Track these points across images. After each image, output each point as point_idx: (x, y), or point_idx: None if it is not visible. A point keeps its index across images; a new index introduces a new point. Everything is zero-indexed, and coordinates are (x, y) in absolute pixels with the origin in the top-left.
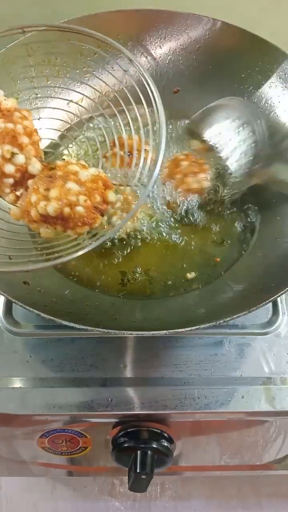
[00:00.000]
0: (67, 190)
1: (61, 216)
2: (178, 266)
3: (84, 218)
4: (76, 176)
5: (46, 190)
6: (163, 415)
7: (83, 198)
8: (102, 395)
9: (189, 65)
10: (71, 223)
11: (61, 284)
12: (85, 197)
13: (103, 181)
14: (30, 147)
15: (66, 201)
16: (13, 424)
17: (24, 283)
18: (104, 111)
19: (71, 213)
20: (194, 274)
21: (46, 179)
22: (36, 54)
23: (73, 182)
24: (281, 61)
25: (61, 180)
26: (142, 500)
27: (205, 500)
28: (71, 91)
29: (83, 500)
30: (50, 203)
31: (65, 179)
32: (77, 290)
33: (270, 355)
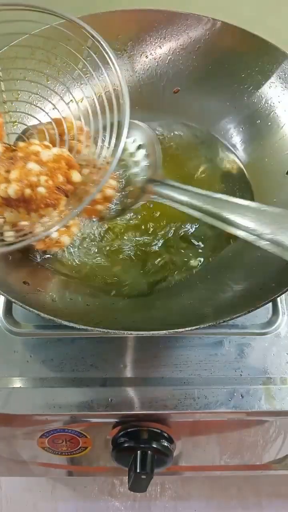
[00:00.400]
0: (28, 171)
1: (22, 198)
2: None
3: (47, 199)
4: (38, 157)
5: (6, 172)
6: (163, 415)
7: (44, 178)
8: (102, 395)
9: (189, 65)
10: (34, 205)
11: (61, 284)
12: (46, 177)
13: (66, 160)
14: None
15: (27, 182)
16: (13, 424)
17: (24, 283)
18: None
19: (32, 194)
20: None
21: (7, 161)
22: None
23: (34, 162)
24: (281, 61)
25: (22, 161)
26: (142, 500)
27: (205, 500)
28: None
29: (83, 500)
30: (10, 185)
31: (26, 160)
32: (77, 290)
33: (270, 355)
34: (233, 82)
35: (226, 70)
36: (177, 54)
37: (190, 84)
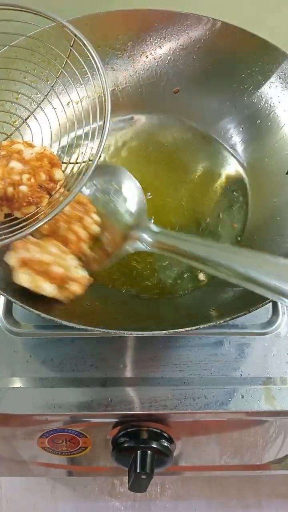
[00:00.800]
0: (10, 169)
1: (5, 197)
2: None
3: (29, 197)
4: (20, 155)
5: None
6: (163, 415)
7: (26, 177)
8: (102, 395)
9: (189, 65)
10: (16, 203)
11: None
12: (28, 175)
13: (49, 158)
14: None
15: (10, 180)
16: (13, 424)
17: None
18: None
19: (14, 192)
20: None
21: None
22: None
23: (17, 161)
24: (281, 61)
25: (5, 160)
26: (142, 500)
27: (205, 500)
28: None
29: (83, 500)
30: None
31: (8, 159)
32: None
33: (270, 355)
34: (233, 82)
35: (226, 70)
36: (177, 54)
37: (190, 84)
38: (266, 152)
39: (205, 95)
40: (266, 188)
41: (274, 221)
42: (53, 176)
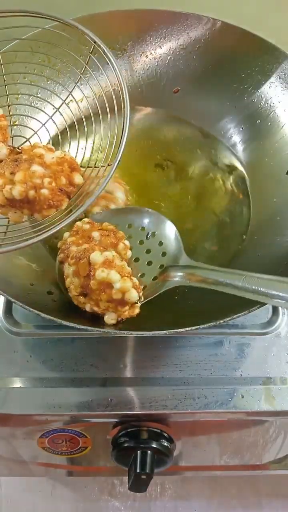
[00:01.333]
0: (32, 173)
1: (26, 200)
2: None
3: (50, 200)
4: (42, 159)
5: (11, 174)
6: (163, 415)
7: (48, 180)
8: (102, 395)
9: (189, 65)
10: (37, 206)
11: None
12: (49, 179)
13: (69, 163)
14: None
15: (31, 184)
16: (13, 424)
17: (31, 285)
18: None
19: (36, 195)
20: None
21: (12, 163)
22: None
23: (38, 165)
24: (281, 61)
25: (26, 164)
26: (142, 500)
27: (205, 500)
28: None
29: (83, 500)
30: (15, 187)
31: (30, 163)
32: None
33: (270, 355)
34: (233, 82)
35: (226, 70)
36: (177, 54)
37: (190, 84)
38: (266, 152)
39: (205, 95)
40: (266, 188)
41: (274, 221)
42: (73, 180)
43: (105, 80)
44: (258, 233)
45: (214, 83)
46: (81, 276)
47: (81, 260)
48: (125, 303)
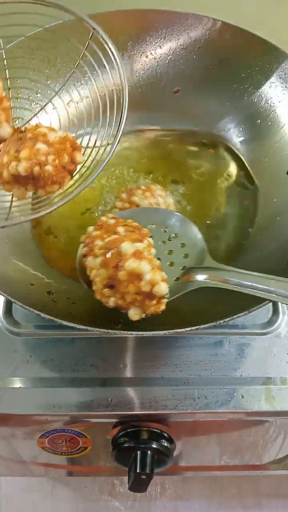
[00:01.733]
0: (37, 151)
1: (31, 176)
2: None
3: (54, 177)
4: (45, 138)
5: (16, 151)
6: (163, 415)
7: (52, 158)
8: (102, 395)
9: (189, 65)
10: (42, 182)
11: (61, 284)
12: (53, 156)
13: (71, 142)
14: (0, 112)
15: (36, 160)
16: (13, 424)
17: (31, 285)
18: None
19: (40, 172)
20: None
21: (17, 141)
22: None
23: (42, 143)
24: (281, 61)
25: (31, 142)
26: (142, 500)
27: (205, 500)
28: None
29: (83, 500)
30: (20, 163)
31: (34, 141)
32: (77, 290)
33: (270, 355)
34: (233, 82)
35: (226, 70)
36: (177, 54)
37: (190, 84)
38: (266, 152)
39: (205, 95)
40: (266, 188)
41: (275, 221)
42: (74, 158)
43: (103, 77)
44: (258, 233)
45: (214, 83)
46: (109, 267)
47: (110, 250)
48: (153, 297)
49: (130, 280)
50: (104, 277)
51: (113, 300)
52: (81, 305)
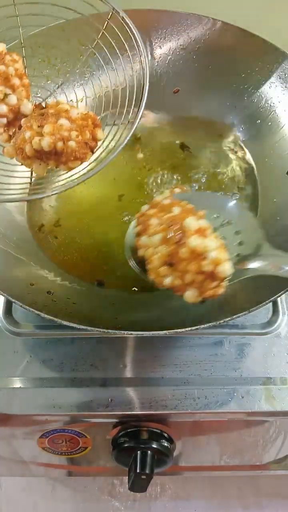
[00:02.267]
0: (60, 126)
1: (54, 151)
2: None
3: (76, 152)
4: (67, 114)
5: (39, 127)
6: (163, 415)
7: (75, 134)
8: (102, 395)
9: (189, 65)
10: (64, 157)
11: (61, 284)
12: (76, 132)
13: (92, 119)
14: (21, 88)
15: (59, 136)
16: (13, 424)
17: (31, 284)
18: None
19: (64, 147)
20: None
21: (39, 117)
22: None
23: (65, 119)
24: (281, 61)
25: (54, 118)
26: (142, 500)
27: (205, 500)
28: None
29: (83, 500)
30: (44, 138)
31: (57, 117)
32: (77, 290)
33: (270, 355)
34: (233, 82)
35: (226, 70)
36: (177, 54)
37: (190, 84)
38: (266, 152)
39: (205, 95)
40: (266, 188)
41: (275, 221)
42: (96, 135)
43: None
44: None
45: (214, 83)
46: (170, 244)
47: (173, 226)
48: (214, 278)
49: (192, 258)
50: (164, 255)
51: (169, 279)
52: (81, 305)
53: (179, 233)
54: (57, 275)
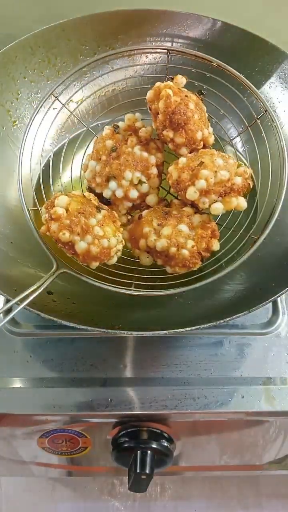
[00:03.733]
0: (178, 232)
1: (165, 253)
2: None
3: (186, 261)
4: (190, 220)
5: (159, 225)
6: (163, 415)
7: (191, 244)
8: (102, 395)
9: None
10: (173, 261)
11: (61, 284)
12: (193, 242)
13: (212, 229)
14: (156, 179)
15: (175, 241)
16: (13, 424)
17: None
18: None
19: (176, 253)
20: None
21: (161, 214)
22: (36, 54)
23: (186, 225)
24: (281, 61)
25: (175, 220)
26: (142, 500)
27: (205, 500)
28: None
29: (83, 500)
30: (160, 240)
31: (179, 221)
32: (77, 290)
33: (270, 355)
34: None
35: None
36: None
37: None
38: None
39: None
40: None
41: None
42: (211, 247)
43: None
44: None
45: (214, 83)
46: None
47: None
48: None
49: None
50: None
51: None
52: (81, 305)
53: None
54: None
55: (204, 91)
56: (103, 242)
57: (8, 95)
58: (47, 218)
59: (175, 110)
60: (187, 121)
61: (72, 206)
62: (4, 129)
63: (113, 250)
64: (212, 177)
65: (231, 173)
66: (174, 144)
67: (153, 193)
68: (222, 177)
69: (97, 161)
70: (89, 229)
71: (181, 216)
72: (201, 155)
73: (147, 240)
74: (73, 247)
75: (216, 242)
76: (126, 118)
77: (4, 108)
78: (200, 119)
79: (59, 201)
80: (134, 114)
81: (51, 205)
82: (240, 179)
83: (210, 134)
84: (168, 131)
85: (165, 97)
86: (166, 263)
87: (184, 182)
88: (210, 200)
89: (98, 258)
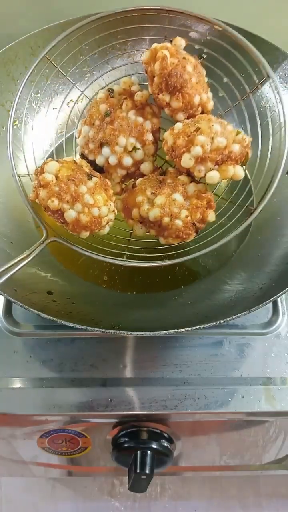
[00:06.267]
0: (172, 201)
1: (159, 223)
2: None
3: (180, 232)
4: (185, 189)
5: (152, 194)
6: (163, 415)
7: (185, 213)
8: (102, 395)
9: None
10: (166, 232)
11: (61, 284)
12: (187, 212)
13: (208, 200)
14: (151, 146)
15: (169, 211)
16: (13, 424)
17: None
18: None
19: (169, 223)
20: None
21: (156, 182)
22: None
23: (180, 194)
24: (281, 61)
25: (169, 189)
26: (142, 500)
27: (205, 500)
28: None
29: (83, 500)
30: (153, 209)
31: (173, 189)
32: (77, 290)
33: (270, 355)
34: (233, 82)
35: (226, 70)
36: None
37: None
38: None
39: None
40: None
41: (275, 221)
42: (206, 217)
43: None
44: (259, 233)
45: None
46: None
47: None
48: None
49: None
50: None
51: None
52: (81, 305)
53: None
54: (57, 275)
55: (204, 55)
56: (94, 211)
57: (8, 95)
58: (36, 185)
59: (171, 72)
60: (183, 84)
61: (62, 173)
62: (4, 129)
63: (104, 220)
64: (208, 143)
65: (229, 140)
66: (171, 109)
67: (148, 161)
68: (219, 144)
69: (90, 126)
70: (79, 197)
71: (175, 185)
72: (198, 120)
73: (140, 209)
74: (62, 216)
75: (212, 213)
76: (122, 81)
77: (4, 108)
78: (198, 82)
79: (49, 167)
80: (131, 78)
81: (41, 171)
82: (238, 146)
83: (209, 99)
84: (164, 95)
85: (161, 58)
86: (159, 233)
87: (179, 149)
88: (206, 168)
89: (88, 227)
